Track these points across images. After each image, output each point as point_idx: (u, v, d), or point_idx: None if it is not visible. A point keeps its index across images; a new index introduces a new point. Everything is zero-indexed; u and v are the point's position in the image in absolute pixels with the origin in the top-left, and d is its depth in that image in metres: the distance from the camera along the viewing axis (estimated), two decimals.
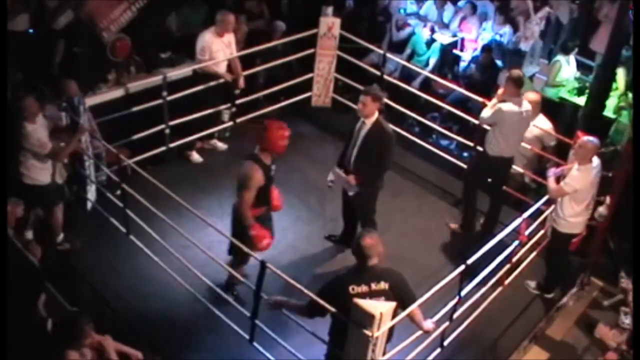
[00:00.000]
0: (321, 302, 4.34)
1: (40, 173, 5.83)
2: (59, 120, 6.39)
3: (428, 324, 4.67)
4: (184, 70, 7.43)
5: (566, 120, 7.99)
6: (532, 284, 6.33)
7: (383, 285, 4.32)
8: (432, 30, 9.44)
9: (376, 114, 5.75)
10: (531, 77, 8.85)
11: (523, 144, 6.70)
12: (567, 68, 8.49)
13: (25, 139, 5.65)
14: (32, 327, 4.87)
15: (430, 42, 9.30)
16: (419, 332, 4.87)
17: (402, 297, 4.40)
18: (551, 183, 5.82)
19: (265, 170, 5.20)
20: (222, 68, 7.44)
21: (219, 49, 7.28)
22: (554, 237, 6.13)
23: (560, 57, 8.51)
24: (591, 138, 5.74)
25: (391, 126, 5.91)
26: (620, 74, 7.86)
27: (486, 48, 9.07)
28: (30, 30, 6.87)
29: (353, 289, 4.26)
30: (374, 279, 4.31)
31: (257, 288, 4.95)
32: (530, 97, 6.65)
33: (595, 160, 5.76)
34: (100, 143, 6.47)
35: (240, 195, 5.19)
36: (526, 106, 6.31)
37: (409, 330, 4.83)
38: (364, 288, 4.28)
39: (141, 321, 5.60)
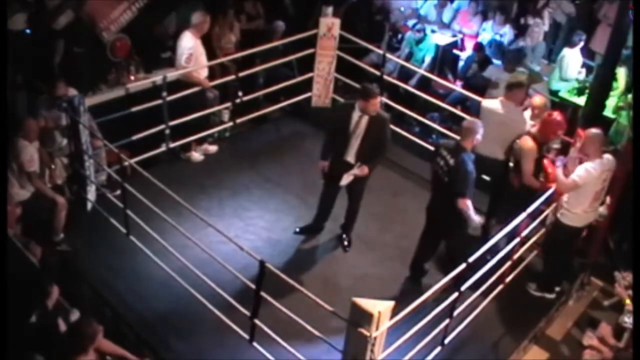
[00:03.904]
0: None
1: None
2: (59, 120, 6.41)
3: (475, 217, 5.51)
4: (183, 71, 7.41)
5: (566, 120, 7.98)
6: (533, 285, 6.32)
7: (451, 162, 5.44)
8: (422, 30, 9.38)
9: None
10: None
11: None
12: (574, 62, 8.51)
13: (16, 154, 5.77)
14: (33, 327, 4.85)
15: (420, 40, 9.26)
16: (419, 331, 4.88)
17: (456, 182, 5.42)
18: (561, 176, 5.79)
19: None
20: (204, 72, 7.39)
21: (202, 52, 7.27)
22: (555, 229, 6.10)
23: (566, 52, 8.53)
24: (596, 130, 5.77)
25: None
26: (622, 73, 7.86)
27: (478, 46, 9.10)
28: (28, 31, 6.87)
29: (441, 148, 5.63)
30: (454, 153, 5.47)
31: (256, 288, 4.95)
32: (535, 102, 6.64)
33: (608, 157, 5.75)
34: (100, 143, 6.48)
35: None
36: (512, 110, 6.22)
37: (409, 329, 4.84)
38: (444, 153, 5.55)
39: (141, 321, 5.60)
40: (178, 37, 7.34)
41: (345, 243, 6.55)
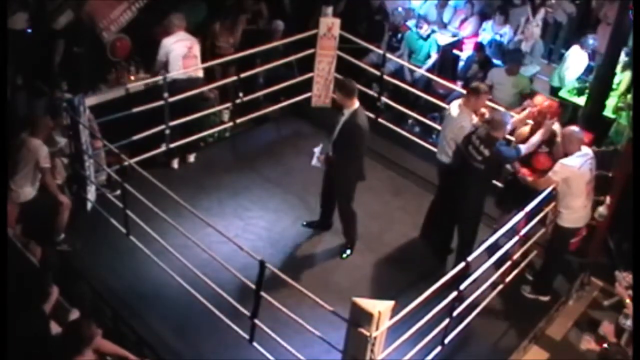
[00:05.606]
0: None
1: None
2: (59, 120, 6.41)
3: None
4: (183, 71, 7.41)
5: (566, 120, 7.99)
6: (527, 288, 6.31)
7: (486, 152, 5.69)
8: (424, 27, 9.35)
9: (355, 105, 5.95)
10: (531, 77, 8.88)
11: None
12: (577, 64, 8.49)
13: (32, 152, 5.73)
14: (33, 329, 4.85)
15: (425, 38, 9.22)
16: (419, 330, 4.89)
17: (493, 171, 5.88)
18: (537, 179, 5.90)
19: None
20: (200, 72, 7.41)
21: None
22: (555, 233, 6.10)
23: (573, 50, 8.53)
24: (575, 128, 5.83)
25: (368, 116, 6.17)
26: (626, 77, 7.85)
27: (478, 46, 9.08)
28: (29, 30, 6.87)
29: (472, 137, 5.81)
30: (486, 143, 5.70)
31: (256, 288, 4.95)
32: (537, 101, 6.64)
33: (586, 150, 5.76)
34: (100, 143, 6.47)
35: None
36: (460, 112, 6.15)
37: (409, 329, 4.84)
38: (477, 142, 5.76)
39: (141, 321, 5.61)
40: None
41: (347, 251, 6.49)
